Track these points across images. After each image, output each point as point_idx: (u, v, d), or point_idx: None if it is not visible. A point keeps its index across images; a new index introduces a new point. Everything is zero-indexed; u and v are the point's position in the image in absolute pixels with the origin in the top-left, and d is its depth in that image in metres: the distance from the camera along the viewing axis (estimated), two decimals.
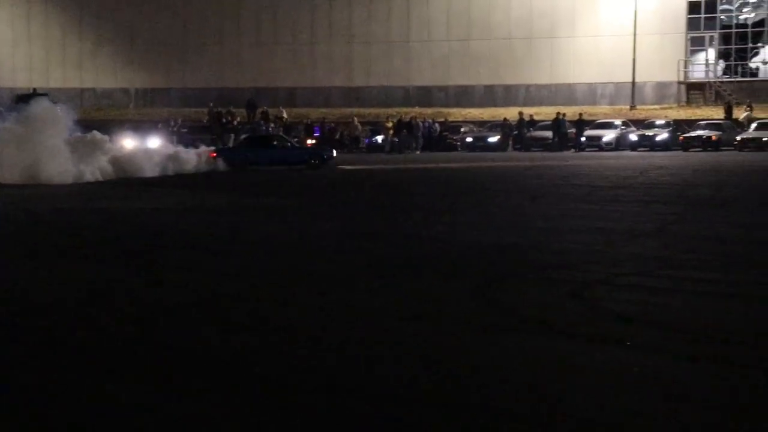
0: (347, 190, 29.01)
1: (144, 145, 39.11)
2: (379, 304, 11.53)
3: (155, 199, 25.69)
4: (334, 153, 40.39)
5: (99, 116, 58.94)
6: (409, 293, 12.11)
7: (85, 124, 38.59)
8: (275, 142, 40.75)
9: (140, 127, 46.01)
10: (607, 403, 7.60)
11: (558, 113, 52.21)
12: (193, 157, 37.44)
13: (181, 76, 68.75)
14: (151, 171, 34.85)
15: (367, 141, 55.72)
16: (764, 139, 45.60)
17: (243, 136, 46.17)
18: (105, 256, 15.48)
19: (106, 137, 35.85)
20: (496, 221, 19.85)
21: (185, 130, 52.03)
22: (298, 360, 8.98)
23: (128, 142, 39.04)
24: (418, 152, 52.82)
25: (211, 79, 67.30)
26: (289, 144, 41.10)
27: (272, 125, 54.47)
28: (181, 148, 39.14)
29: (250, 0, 67.92)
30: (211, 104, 59.20)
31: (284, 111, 58.89)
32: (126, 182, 32.16)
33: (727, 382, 8.15)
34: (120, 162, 34.76)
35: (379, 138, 54.73)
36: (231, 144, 47.35)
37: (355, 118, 57.27)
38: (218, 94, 64.07)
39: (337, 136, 54.83)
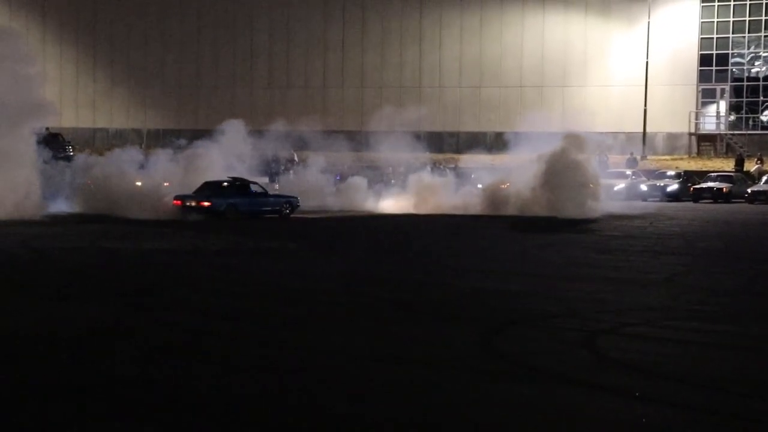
0: (344, 235, 28.56)
1: None
2: (376, 347, 11.40)
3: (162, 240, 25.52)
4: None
5: None
6: (410, 338, 11.97)
7: None
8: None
9: None
10: None
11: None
12: None
13: (193, 118, 68.97)
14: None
15: None
16: None
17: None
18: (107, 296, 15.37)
19: None
20: (501, 267, 19.68)
21: None
22: (279, 396, 8.85)
23: None
24: None
25: (224, 121, 67.31)
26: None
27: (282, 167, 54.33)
28: None
29: (263, 43, 68.27)
30: None
31: (296, 154, 58.87)
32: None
33: None
34: None
35: None
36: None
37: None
38: None
39: None
